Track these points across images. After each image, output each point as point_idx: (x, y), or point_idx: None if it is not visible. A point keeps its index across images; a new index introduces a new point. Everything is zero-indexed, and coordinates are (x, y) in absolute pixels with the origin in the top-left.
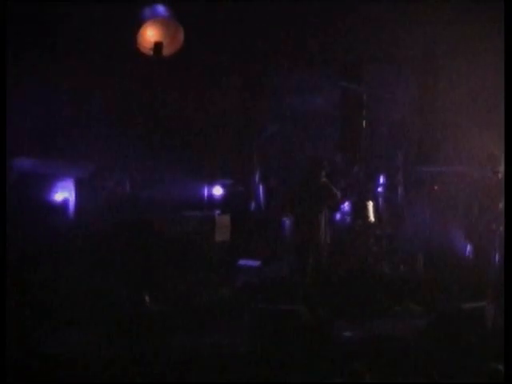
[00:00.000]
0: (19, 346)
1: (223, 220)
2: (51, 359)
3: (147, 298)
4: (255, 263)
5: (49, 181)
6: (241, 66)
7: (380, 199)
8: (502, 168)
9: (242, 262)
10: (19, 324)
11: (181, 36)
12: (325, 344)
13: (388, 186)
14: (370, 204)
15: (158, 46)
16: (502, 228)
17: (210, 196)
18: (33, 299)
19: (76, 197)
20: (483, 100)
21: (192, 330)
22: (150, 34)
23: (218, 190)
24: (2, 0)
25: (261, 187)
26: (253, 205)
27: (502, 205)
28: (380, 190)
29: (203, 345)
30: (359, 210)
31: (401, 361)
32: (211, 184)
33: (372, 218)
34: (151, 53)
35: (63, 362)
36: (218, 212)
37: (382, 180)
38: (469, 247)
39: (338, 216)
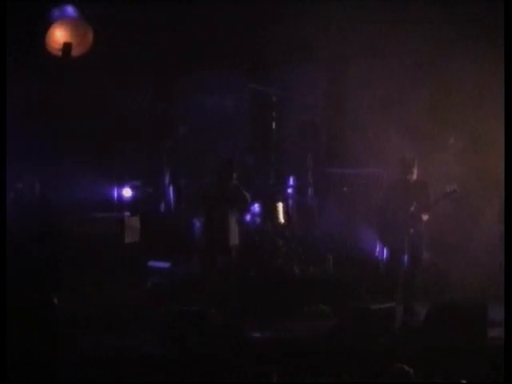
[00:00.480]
0: None
1: (133, 221)
2: None
3: (56, 300)
4: (165, 264)
5: None
6: (151, 66)
7: (290, 200)
8: (415, 170)
9: (151, 263)
10: None
11: (90, 37)
12: (235, 344)
13: (298, 188)
14: (280, 205)
15: (66, 46)
16: (412, 230)
17: (120, 197)
18: None
19: None
20: (395, 103)
21: (102, 332)
22: (59, 35)
23: (127, 192)
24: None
25: (171, 188)
26: (162, 206)
27: (413, 208)
28: (290, 191)
29: (113, 346)
30: (269, 212)
31: (310, 361)
32: (121, 186)
33: (282, 219)
34: (60, 53)
35: None
36: (127, 214)
37: (292, 181)
38: (379, 248)
39: (248, 217)
